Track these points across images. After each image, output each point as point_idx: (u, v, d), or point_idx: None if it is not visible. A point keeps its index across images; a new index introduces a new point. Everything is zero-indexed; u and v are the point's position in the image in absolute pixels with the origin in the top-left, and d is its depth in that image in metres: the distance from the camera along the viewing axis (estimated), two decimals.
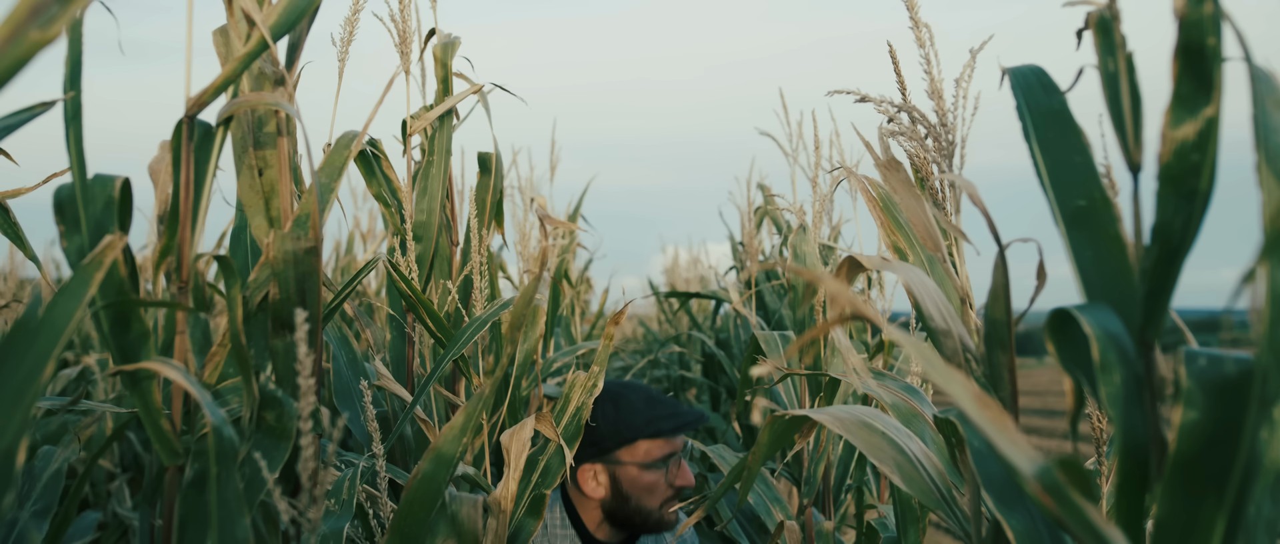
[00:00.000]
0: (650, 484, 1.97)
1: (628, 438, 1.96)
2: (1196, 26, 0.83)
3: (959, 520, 1.22)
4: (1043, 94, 1.02)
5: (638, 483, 1.97)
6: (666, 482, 1.99)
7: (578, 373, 1.83)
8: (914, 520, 2.54)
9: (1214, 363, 0.83)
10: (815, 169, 2.68)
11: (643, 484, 1.97)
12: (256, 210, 1.19)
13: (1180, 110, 0.85)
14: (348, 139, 1.34)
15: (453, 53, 2.25)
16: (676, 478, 1.99)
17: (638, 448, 1.97)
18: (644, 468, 1.96)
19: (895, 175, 1.20)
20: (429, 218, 2.24)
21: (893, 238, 1.39)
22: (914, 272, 1.09)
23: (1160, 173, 0.87)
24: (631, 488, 1.97)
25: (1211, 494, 0.82)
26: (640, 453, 1.97)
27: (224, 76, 1.10)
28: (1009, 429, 0.69)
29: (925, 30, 1.18)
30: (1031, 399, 15.02)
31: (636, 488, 1.97)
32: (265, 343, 1.18)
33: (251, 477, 1.10)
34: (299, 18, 1.13)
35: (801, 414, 1.26)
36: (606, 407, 1.98)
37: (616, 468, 1.97)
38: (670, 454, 1.99)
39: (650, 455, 1.97)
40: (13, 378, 0.84)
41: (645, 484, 1.97)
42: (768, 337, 2.68)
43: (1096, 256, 0.95)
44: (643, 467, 1.96)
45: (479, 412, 1.34)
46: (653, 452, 1.98)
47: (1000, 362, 1.07)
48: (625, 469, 1.97)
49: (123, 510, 3.44)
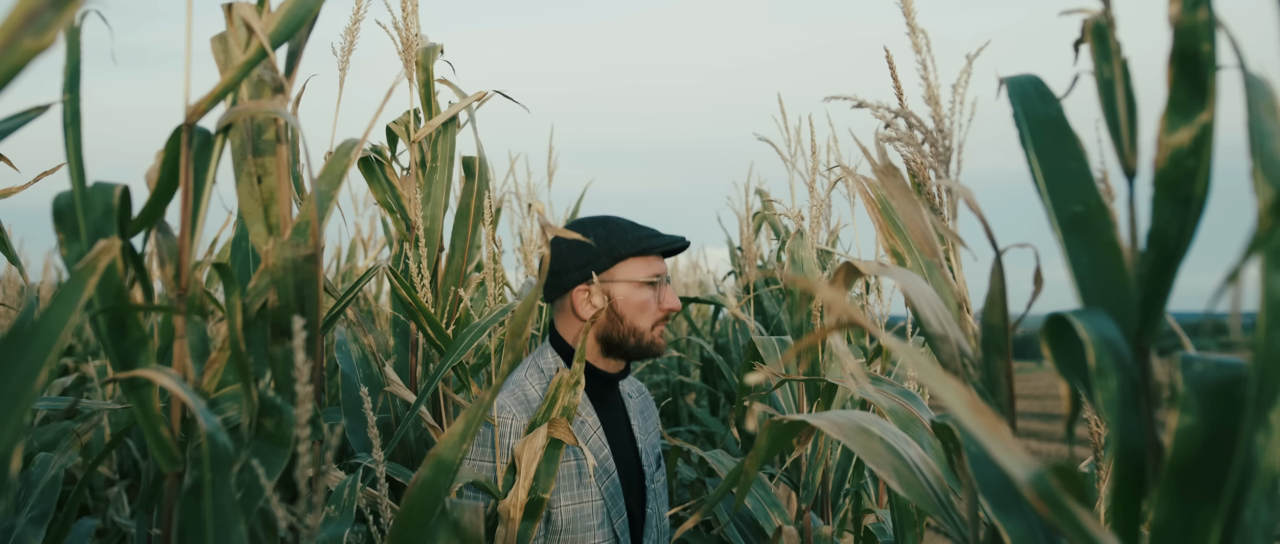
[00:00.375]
0: (642, 303, 2.06)
1: (620, 255, 2.05)
2: (1191, 33, 0.84)
3: (956, 525, 1.22)
4: (1039, 102, 1.03)
5: (630, 301, 2.06)
6: (656, 303, 2.09)
7: (562, 371, 1.84)
8: (912, 525, 2.55)
9: (1209, 368, 0.83)
10: (813, 174, 2.68)
11: (635, 302, 2.06)
12: (255, 218, 1.19)
13: (1175, 116, 0.86)
14: (348, 146, 1.34)
15: (433, 58, 2.25)
16: (665, 300, 2.09)
17: (630, 265, 2.07)
18: (638, 286, 2.07)
19: (892, 181, 1.20)
20: (433, 224, 2.25)
21: (891, 241, 1.39)
22: (911, 277, 1.09)
23: (1155, 178, 0.87)
24: (625, 307, 2.06)
25: (1207, 499, 0.82)
26: (631, 270, 2.07)
27: (223, 84, 1.10)
28: (1004, 436, 0.70)
29: (922, 36, 1.18)
30: (1030, 403, 15.02)
31: (629, 307, 2.06)
32: (264, 350, 1.19)
33: (250, 483, 1.11)
34: (298, 26, 1.13)
35: (799, 419, 1.26)
36: (597, 229, 2.08)
37: (610, 286, 2.06)
38: (657, 277, 2.09)
39: (641, 275, 2.07)
40: (7, 383, 0.84)
41: (637, 303, 2.06)
42: (766, 342, 2.69)
43: (1093, 262, 0.95)
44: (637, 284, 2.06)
45: (480, 418, 1.34)
46: (642, 271, 2.08)
47: (997, 367, 1.07)
48: (618, 287, 2.06)
49: (120, 518, 3.44)
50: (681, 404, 5.98)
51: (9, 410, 0.83)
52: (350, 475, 1.46)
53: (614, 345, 2.08)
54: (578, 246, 2.06)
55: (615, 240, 2.06)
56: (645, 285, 2.07)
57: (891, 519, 2.70)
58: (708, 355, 5.46)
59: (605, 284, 2.06)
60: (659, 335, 2.10)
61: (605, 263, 2.05)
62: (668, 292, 2.10)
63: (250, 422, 1.13)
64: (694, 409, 5.70)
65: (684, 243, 2.12)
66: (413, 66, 2.19)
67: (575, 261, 2.06)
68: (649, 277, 2.07)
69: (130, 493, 3.92)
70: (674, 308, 2.09)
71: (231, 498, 1.04)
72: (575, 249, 2.06)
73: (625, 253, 2.05)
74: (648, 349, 2.08)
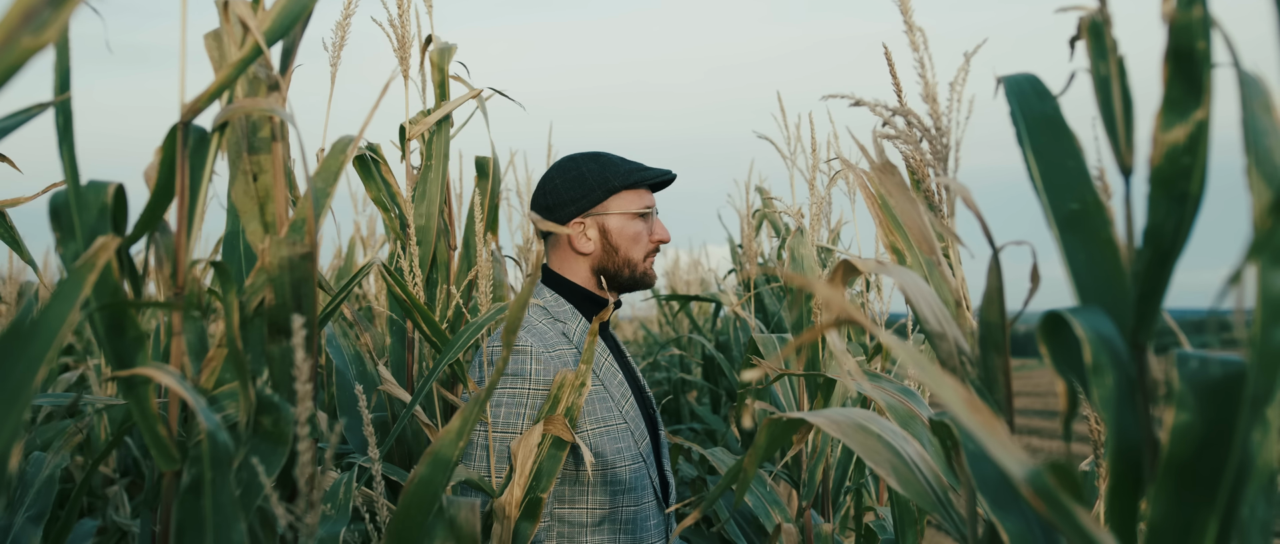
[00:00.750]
0: (635, 234, 2.12)
1: (614, 187, 2.10)
2: (1186, 31, 0.84)
3: (955, 523, 1.22)
4: (1036, 100, 1.03)
5: (624, 233, 2.11)
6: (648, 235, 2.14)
7: (566, 371, 1.83)
8: (912, 522, 2.55)
9: (1205, 365, 0.83)
10: (813, 171, 2.68)
11: (629, 234, 2.11)
12: (251, 216, 1.19)
13: (1171, 114, 0.86)
14: (343, 144, 1.34)
15: (449, 58, 2.25)
16: (655, 231, 2.15)
17: (623, 197, 2.12)
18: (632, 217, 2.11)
19: (891, 179, 1.20)
20: (428, 222, 2.25)
21: (891, 237, 1.39)
22: (909, 275, 1.09)
23: (1152, 176, 0.87)
24: (619, 239, 2.11)
25: (1204, 496, 0.82)
26: (625, 203, 2.12)
27: (218, 82, 1.10)
28: (1000, 433, 0.70)
29: (919, 34, 1.18)
30: (1030, 400, 15.01)
31: (623, 238, 2.11)
32: (262, 348, 1.19)
33: (249, 482, 1.11)
34: (293, 22, 1.13)
35: (798, 417, 1.26)
36: (589, 163, 2.13)
37: (604, 219, 2.11)
38: (649, 208, 2.14)
39: (634, 207, 2.12)
40: (7, 380, 0.84)
41: (631, 234, 2.11)
42: (766, 339, 2.69)
43: (1089, 260, 0.95)
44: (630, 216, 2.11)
45: (476, 415, 1.34)
46: (635, 203, 2.13)
47: (995, 364, 1.07)
48: (612, 219, 2.11)
49: (120, 518, 3.44)
50: (683, 402, 5.98)
51: (8, 408, 0.83)
52: (345, 473, 1.46)
53: (609, 277, 2.13)
54: (572, 180, 2.10)
55: (609, 173, 2.11)
56: (638, 217, 2.12)
57: (892, 517, 2.70)
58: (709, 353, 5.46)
59: (599, 217, 2.11)
60: (650, 266, 2.16)
61: (599, 196, 2.10)
62: (658, 224, 2.16)
63: (248, 420, 1.13)
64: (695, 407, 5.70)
65: (671, 176, 2.18)
66: (408, 64, 2.19)
67: (570, 195, 2.10)
68: (641, 208, 2.12)
69: (130, 491, 3.92)
70: (664, 239, 2.15)
71: (232, 496, 1.04)
72: (569, 183, 2.10)
73: (619, 186, 2.10)
74: (640, 280, 2.13)
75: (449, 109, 2.23)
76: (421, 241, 2.22)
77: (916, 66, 1.17)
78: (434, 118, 2.22)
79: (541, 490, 1.71)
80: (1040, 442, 11.04)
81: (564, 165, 2.15)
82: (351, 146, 1.30)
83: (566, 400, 1.78)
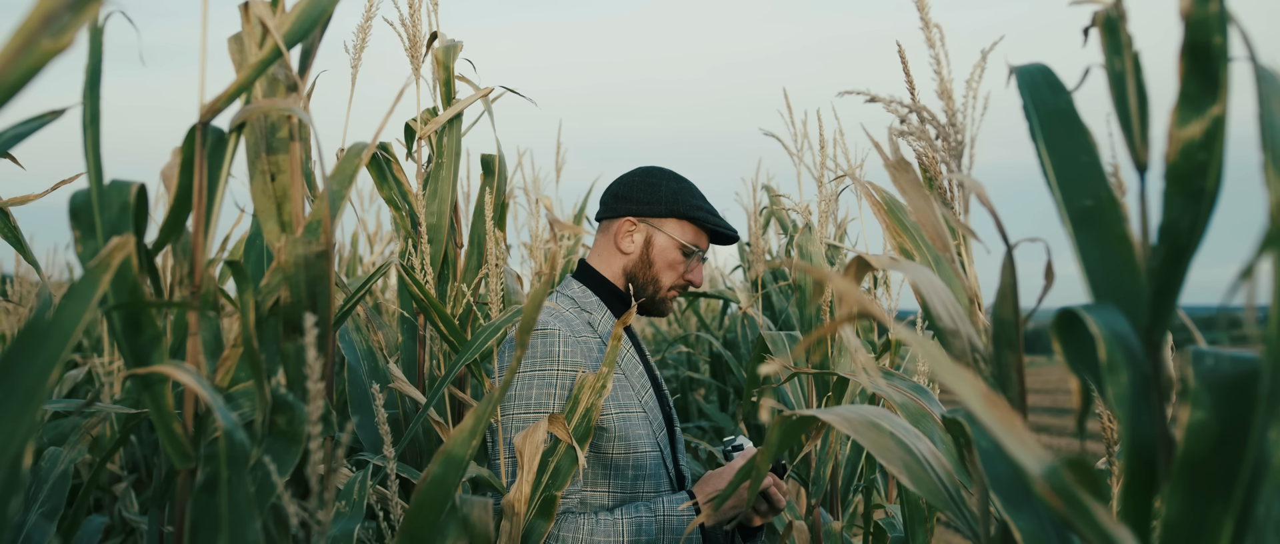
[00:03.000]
0: (673, 262, 2.15)
1: (678, 211, 2.14)
2: (1202, 25, 0.83)
3: (967, 520, 1.22)
4: (1049, 93, 1.02)
5: (665, 255, 2.14)
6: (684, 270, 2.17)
7: (586, 373, 1.83)
8: (922, 520, 2.54)
9: (1221, 362, 0.83)
10: (821, 169, 2.68)
11: (668, 259, 2.14)
12: (269, 215, 1.20)
13: (1187, 109, 0.85)
14: (359, 147, 1.35)
15: (454, 56, 2.26)
16: (692, 272, 2.18)
17: (681, 225, 2.15)
18: (677, 246, 2.14)
19: (904, 175, 1.20)
20: (439, 220, 2.25)
21: (898, 240, 1.39)
22: (922, 271, 1.09)
23: (1167, 172, 0.87)
24: (659, 258, 2.14)
25: (1220, 494, 0.82)
26: (680, 231, 2.15)
27: (238, 83, 1.10)
28: (1017, 429, 0.70)
29: (936, 31, 1.18)
30: (1042, 398, 14.98)
31: (662, 260, 2.14)
32: (277, 347, 1.19)
33: (262, 480, 1.11)
34: (313, 25, 1.14)
35: (809, 414, 1.26)
36: (669, 180, 2.17)
37: (654, 233, 2.15)
38: (697, 248, 2.16)
39: (686, 239, 2.15)
40: (22, 381, 0.85)
41: (670, 260, 2.14)
42: (775, 337, 2.68)
43: (1103, 256, 0.95)
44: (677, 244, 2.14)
45: (489, 414, 1.34)
46: (688, 235, 2.16)
47: (1008, 361, 1.07)
48: (661, 237, 2.14)
49: (129, 513, 3.45)
50: (691, 400, 5.98)
51: (23, 408, 0.83)
52: (360, 471, 1.47)
53: (636, 286, 2.16)
54: (647, 185, 2.15)
55: (680, 197, 2.14)
56: (681, 249, 2.14)
57: (902, 515, 2.70)
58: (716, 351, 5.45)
59: (650, 228, 2.14)
60: (671, 299, 2.18)
61: (662, 210, 2.14)
62: (698, 268, 2.19)
63: (263, 418, 1.13)
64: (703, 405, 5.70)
65: (734, 236, 2.20)
66: (419, 63, 2.20)
67: (638, 195, 2.14)
68: (690, 243, 2.15)
69: (136, 488, 3.93)
70: (696, 282, 2.18)
71: (248, 494, 1.05)
72: (643, 185, 2.15)
73: (683, 213, 2.13)
74: (658, 304, 2.16)
75: (460, 108, 2.23)
76: (433, 240, 2.23)
77: (932, 63, 1.17)
78: (445, 116, 2.22)
79: (556, 488, 1.71)
80: (1050, 439, 11.03)
81: (648, 170, 2.19)
82: (368, 150, 1.31)
83: (586, 401, 1.78)
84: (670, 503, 1.99)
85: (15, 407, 0.83)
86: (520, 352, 1.28)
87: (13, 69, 0.74)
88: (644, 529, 1.94)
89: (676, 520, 1.98)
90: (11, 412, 0.83)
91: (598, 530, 1.90)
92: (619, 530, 1.92)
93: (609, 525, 1.92)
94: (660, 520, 1.96)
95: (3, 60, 0.73)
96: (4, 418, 0.82)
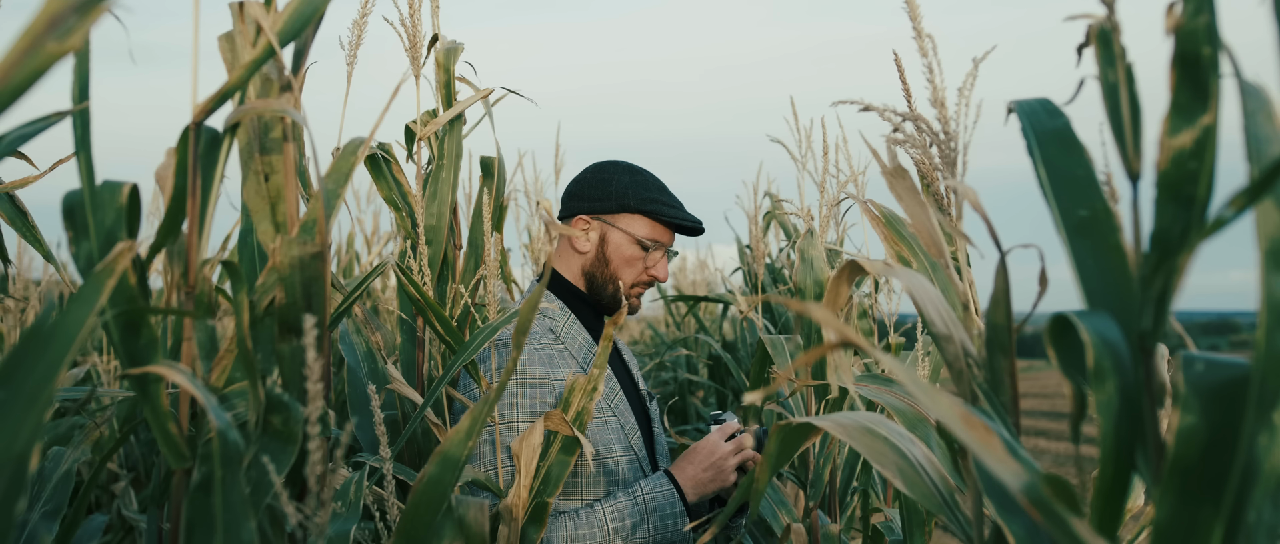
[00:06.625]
0: (631, 258, 2.10)
1: (629, 205, 2.09)
2: (1192, 37, 0.84)
3: (961, 524, 1.23)
4: (1047, 118, 1.04)
5: (621, 252, 2.09)
6: (645, 266, 2.11)
7: (577, 376, 1.84)
8: (920, 524, 2.55)
9: (1211, 368, 0.84)
10: (823, 174, 2.68)
11: (625, 255, 2.09)
12: (262, 215, 1.20)
13: (1178, 119, 0.86)
14: (355, 145, 1.35)
15: (455, 58, 2.26)
16: (654, 267, 2.12)
17: (634, 220, 2.10)
18: (633, 241, 2.09)
19: (901, 182, 1.20)
20: (439, 221, 2.25)
21: (897, 249, 1.40)
22: (916, 277, 1.10)
23: (1159, 181, 0.88)
24: (614, 255, 2.09)
25: (1210, 499, 0.82)
26: (634, 225, 2.10)
27: (230, 83, 1.11)
28: (995, 448, 0.71)
29: (928, 39, 1.19)
30: (1039, 402, 14.98)
31: (618, 257, 2.09)
32: (272, 347, 1.19)
33: (259, 480, 1.11)
34: (305, 24, 1.14)
35: (806, 422, 1.27)
36: (621, 174, 2.12)
37: (609, 229, 2.10)
38: (655, 243, 2.10)
39: (642, 234, 2.10)
40: (27, 383, 0.85)
41: (627, 256, 2.09)
42: (774, 340, 2.69)
43: (1098, 265, 0.96)
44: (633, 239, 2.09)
45: (485, 415, 1.35)
46: (643, 229, 2.10)
47: (1001, 366, 1.07)
48: (616, 234, 2.09)
49: (129, 512, 3.46)
50: (689, 403, 5.98)
51: (28, 409, 0.84)
52: (356, 472, 1.47)
53: (595, 285, 2.12)
54: (599, 181, 2.11)
55: (632, 192, 2.10)
56: (638, 244, 2.09)
57: (899, 518, 2.70)
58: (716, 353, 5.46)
59: (604, 225, 2.10)
60: (635, 296, 2.14)
61: (613, 207, 2.10)
62: (661, 262, 2.13)
63: (257, 419, 1.14)
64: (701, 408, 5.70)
65: (699, 227, 2.15)
66: (420, 64, 2.20)
67: (589, 193, 2.11)
68: (646, 238, 2.10)
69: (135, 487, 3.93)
70: (659, 277, 2.12)
71: (242, 494, 1.05)
72: (595, 182, 2.11)
73: (634, 207, 2.08)
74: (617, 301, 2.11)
75: (461, 109, 2.24)
76: (432, 241, 2.23)
77: (925, 72, 1.18)
78: (445, 118, 2.22)
79: (548, 495, 1.72)
80: (1047, 443, 11.03)
81: (601, 166, 2.16)
82: (362, 148, 1.31)
83: (577, 404, 1.78)
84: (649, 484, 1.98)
85: (20, 409, 0.84)
86: (516, 352, 1.29)
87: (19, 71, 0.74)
88: (626, 513, 1.93)
89: (658, 497, 1.97)
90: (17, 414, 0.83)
91: (580, 524, 1.90)
92: (601, 519, 1.91)
93: (589, 517, 1.91)
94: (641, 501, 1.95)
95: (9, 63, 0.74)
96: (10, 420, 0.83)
